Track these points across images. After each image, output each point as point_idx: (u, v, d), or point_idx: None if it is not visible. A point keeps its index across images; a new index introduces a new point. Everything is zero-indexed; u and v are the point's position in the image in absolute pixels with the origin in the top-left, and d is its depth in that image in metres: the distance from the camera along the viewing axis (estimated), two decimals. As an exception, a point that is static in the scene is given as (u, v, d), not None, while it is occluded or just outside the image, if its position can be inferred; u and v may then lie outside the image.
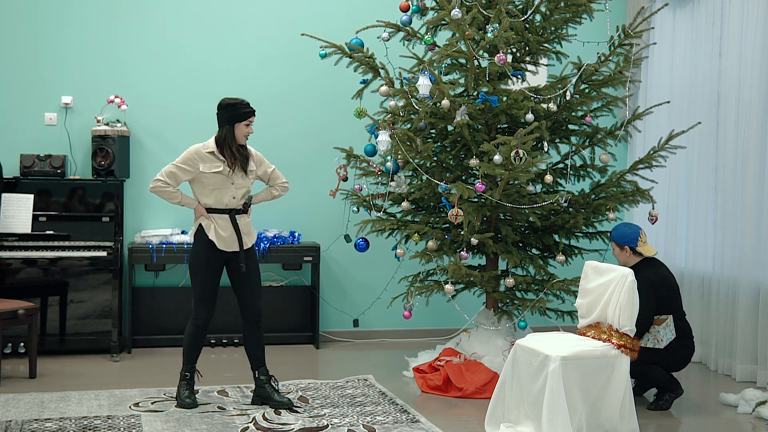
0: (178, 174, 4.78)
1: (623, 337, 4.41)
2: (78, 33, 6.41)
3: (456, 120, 5.19)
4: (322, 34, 5.78)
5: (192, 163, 4.77)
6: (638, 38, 5.49)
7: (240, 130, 4.77)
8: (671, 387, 5.05)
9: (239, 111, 4.75)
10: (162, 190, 4.78)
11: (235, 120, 4.75)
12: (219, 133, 4.79)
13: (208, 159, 4.77)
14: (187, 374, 4.90)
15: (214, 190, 4.78)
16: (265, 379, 4.89)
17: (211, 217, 4.78)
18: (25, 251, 5.88)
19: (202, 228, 4.80)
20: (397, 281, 6.23)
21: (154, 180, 4.79)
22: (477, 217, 5.17)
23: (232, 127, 4.76)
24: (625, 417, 4.34)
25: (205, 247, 4.78)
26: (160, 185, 4.77)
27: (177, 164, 4.78)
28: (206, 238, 4.78)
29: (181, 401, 4.84)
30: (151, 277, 6.53)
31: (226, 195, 4.79)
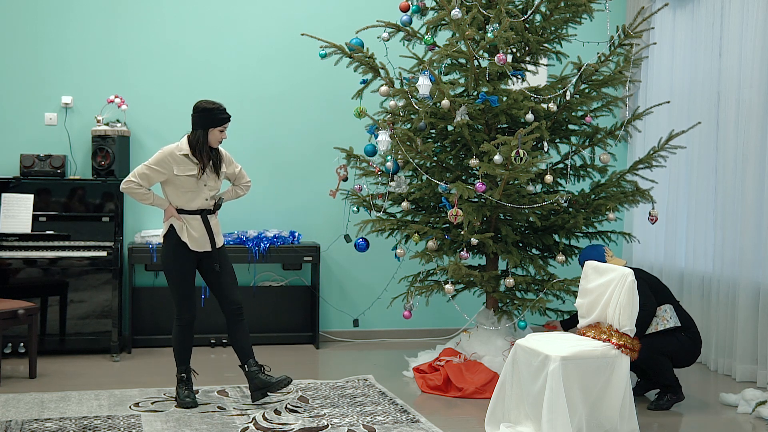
0: (150, 176, 4.76)
1: (623, 337, 4.41)
2: (78, 33, 6.41)
3: (456, 120, 5.19)
4: (322, 34, 5.78)
5: (166, 165, 4.74)
6: (638, 38, 5.49)
7: (213, 135, 4.77)
8: (674, 388, 5.05)
9: (215, 116, 4.74)
10: (134, 192, 4.77)
11: (210, 125, 4.74)
12: (192, 135, 4.77)
13: (182, 162, 4.74)
14: (183, 375, 4.91)
15: (187, 192, 4.78)
16: (256, 369, 4.87)
17: (182, 218, 4.79)
18: (25, 251, 5.89)
19: (174, 229, 4.80)
20: (397, 281, 6.23)
21: (125, 180, 4.76)
22: (477, 217, 5.17)
23: (206, 131, 4.75)
24: (625, 417, 4.34)
25: (177, 247, 4.80)
26: (133, 186, 4.75)
27: (150, 166, 4.75)
28: (178, 239, 4.79)
29: (181, 401, 4.85)
30: (151, 277, 6.53)
31: (198, 197, 4.80)
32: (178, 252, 4.80)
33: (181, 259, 4.81)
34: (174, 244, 4.80)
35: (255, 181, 6.64)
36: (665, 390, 5.06)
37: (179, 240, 4.79)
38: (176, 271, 4.81)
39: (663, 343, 5.00)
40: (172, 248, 4.81)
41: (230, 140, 6.65)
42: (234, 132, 6.65)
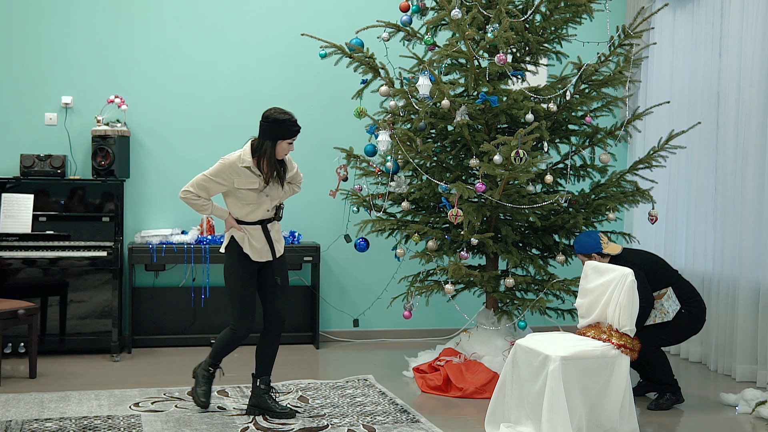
0: (209, 187, 4.54)
1: (623, 337, 4.41)
2: (78, 33, 6.41)
3: (456, 120, 5.19)
4: (322, 34, 5.78)
5: (226, 177, 4.52)
6: (638, 38, 5.49)
7: (281, 148, 4.51)
8: (673, 388, 5.06)
9: (287, 128, 4.48)
10: (192, 202, 4.56)
11: (280, 137, 4.48)
12: (258, 144, 4.51)
13: (244, 174, 4.51)
14: (210, 369, 4.74)
15: (248, 205, 4.57)
16: (264, 389, 4.72)
17: (243, 229, 4.58)
18: (25, 251, 5.89)
19: (235, 240, 4.60)
20: (397, 281, 6.23)
21: (184, 191, 4.56)
22: (477, 217, 5.18)
23: (275, 143, 4.49)
24: (625, 417, 4.33)
25: (240, 259, 4.59)
26: (191, 197, 4.54)
27: (210, 177, 4.53)
28: (240, 251, 4.58)
29: (197, 398, 4.72)
30: (151, 277, 6.53)
31: (260, 209, 4.59)
32: (241, 264, 4.59)
33: (244, 272, 4.59)
34: (237, 256, 4.59)
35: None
36: (665, 390, 5.06)
37: (241, 251, 4.57)
38: (239, 284, 4.59)
39: (658, 331, 5.02)
40: (235, 260, 4.59)
41: (231, 140, 6.67)
42: (234, 132, 6.66)
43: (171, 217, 6.57)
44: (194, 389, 4.77)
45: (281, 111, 4.51)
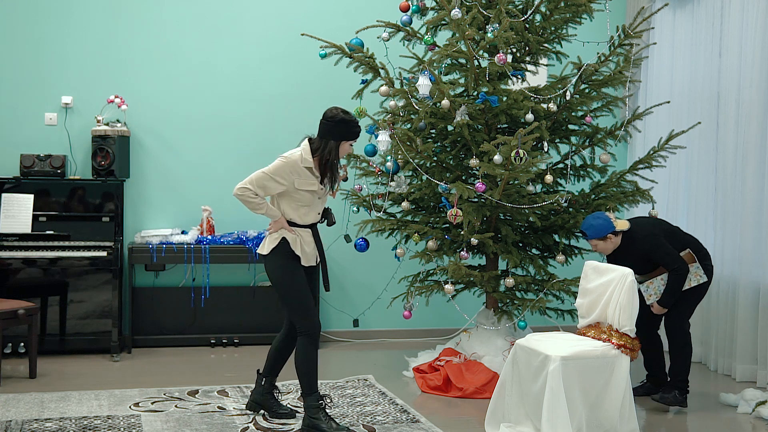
0: (269, 186, 4.32)
1: (623, 337, 4.40)
2: (78, 33, 6.41)
3: (456, 120, 5.19)
4: (322, 34, 5.78)
5: (288, 176, 4.32)
6: (638, 38, 5.49)
7: (344, 149, 4.39)
8: (683, 389, 5.03)
9: (351, 129, 4.36)
10: (248, 200, 4.31)
11: (344, 138, 4.36)
12: (319, 144, 4.36)
13: (305, 175, 4.34)
14: (321, 402, 4.37)
15: (303, 207, 4.40)
16: (268, 388, 4.65)
17: (295, 231, 4.41)
18: (25, 251, 5.88)
19: (286, 242, 4.38)
20: (397, 281, 6.23)
21: (241, 187, 4.32)
22: (477, 217, 5.17)
23: (339, 143, 4.35)
24: (625, 417, 4.33)
25: (290, 260, 4.39)
26: (249, 195, 4.30)
27: (270, 175, 4.30)
28: (291, 253, 4.38)
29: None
30: (151, 277, 6.53)
31: (313, 211, 4.45)
32: (292, 265, 4.39)
33: (296, 272, 4.39)
34: (288, 258, 4.38)
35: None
36: (674, 386, 5.02)
37: (293, 254, 4.38)
38: (295, 284, 4.37)
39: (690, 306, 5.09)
40: (286, 262, 4.38)
41: (230, 141, 6.68)
42: (234, 132, 6.67)
43: (171, 217, 6.57)
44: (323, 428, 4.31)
45: (345, 111, 4.39)
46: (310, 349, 4.36)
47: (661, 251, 4.94)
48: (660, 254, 4.95)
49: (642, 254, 4.99)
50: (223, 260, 6.29)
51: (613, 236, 5.01)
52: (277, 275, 4.39)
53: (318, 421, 4.32)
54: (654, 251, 4.96)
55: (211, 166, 6.64)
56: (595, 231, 4.98)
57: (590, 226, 5.00)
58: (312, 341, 4.37)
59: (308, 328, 4.36)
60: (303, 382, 4.37)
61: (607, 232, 4.97)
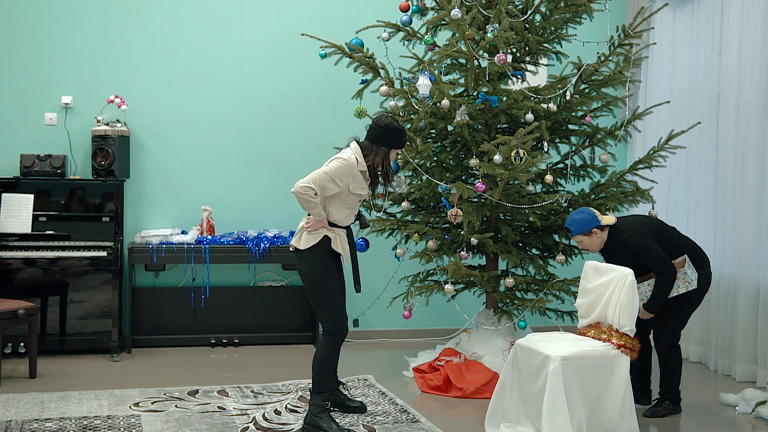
0: (329, 186, 4.34)
1: (623, 337, 4.39)
2: (78, 33, 6.41)
3: (456, 120, 5.19)
4: (322, 34, 5.78)
5: (345, 179, 4.36)
6: (638, 38, 5.49)
7: (392, 157, 4.50)
8: (674, 396, 4.95)
9: (401, 139, 4.47)
10: (309, 199, 4.26)
11: (395, 146, 4.46)
12: (370, 149, 4.43)
13: (359, 179, 4.40)
14: (327, 403, 4.45)
15: (348, 209, 4.47)
16: (335, 386, 4.76)
17: (333, 230, 4.45)
18: (25, 251, 5.88)
19: (328, 240, 4.42)
20: (397, 281, 6.23)
21: (304, 186, 4.25)
22: (477, 217, 5.18)
23: (389, 151, 4.45)
24: (625, 417, 4.32)
25: (330, 258, 4.47)
26: (310, 194, 4.26)
27: (331, 176, 4.32)
28: (332, 251, 4.45)
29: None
30: (151, 277, 6.53)
31: (353, 214, 4.54)
32: (330, 264, 4.46)
33: (333, 271, 4.48)
34: (327, 256, 4.44)
35: (255, 181, 6.67)
36: (665, 397, 4.97)
37: (334, 251, 4.46)
38: (330, 283, 4.44)
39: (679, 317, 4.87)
40: (326, 260, 4.44)
41: (231, 141, 6.68)
42: (234, 132, 6.67)
43: (171, 217, 6.57)
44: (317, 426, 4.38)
45: (395, 119, 4.49)
46: (332, 349, 4.43)
47: (647, 252, 4.69)
48: (645, 255, 4.70)
49: (628, 254, 4.75)
50: (223, 260, 6.29)
51: (598, 231, 4.78)
52: (314, 271, 4.41)
53: (320, 420, 4.37)
54: (639, 252, 4.71)
55: (211, 166, 6.64)
56: (579, 226, 4.76)
57: (573, 221, 4.78)
58: (335, 342, 4.43)
59: (334, 329, 4.42)
60: (315, 380, 4.43)
61: (591, 226, 4.75)
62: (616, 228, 4.82)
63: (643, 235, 4.74)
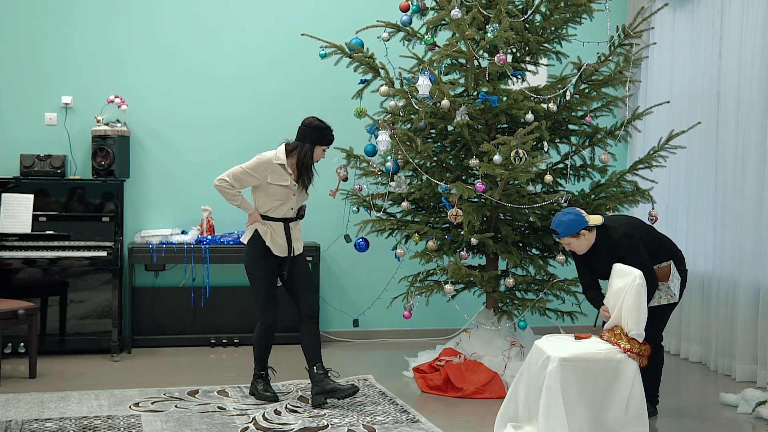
0: (243, 179, 4.88)
1: (631, 341, 4.31)
2: (78, 33, 6.41)
3: (456, 120, 5.19)
4: (322, 34, 5.78)
5: (260, 171, 4.87)
6: (638, 38, 5.49)
7: (317, 153, 4.94)
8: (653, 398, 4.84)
9: (325, 136, 4.93)
10: (225, 190, 4.88)
11: (318, 142, 4.91)
12: (295, 146, 4.92)
13: (278, 171, 4.88)
14: (262, 372, 5.09)
15: (275, 200, 4.91)
16: (323, 374, 4.92)
17: (267, 224, 4.91)
18: (25, 251, 5.88)
19: (258, 234, 4.92)
20: (397, 281, 6.23)
21: (219, 179, 4.88)
22: (477, 217, 5.17)
23: (313, 147, 4.91)
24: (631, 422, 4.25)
25: (262, 252, 4.92)
26: (225, 186, 4.87)
27: (246, 169, 4.87)
28: (263, 244, 4.91)
29: (260, 394, 5.02)
30: (151, 277, 6.53)
31: (285, 206, 4.94)
32: (263, 256, 4.92)
33: (265, 263, 4.93)
34: (259, 250, 4.92)
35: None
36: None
37: (264, 245, 4.91)
38: (261, 274, 4.93)
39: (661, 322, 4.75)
40: (257, 253, 4.92)
41: (231, 140, 6.68)
42: (234, 132, 6.67)
43: (171, 217, 6.58)
44: (253, 392, 5.08)
45: (320, 120, 4.95)
46: (260, 333, 5.01)
47: (635, 256, 4.54)
48: (633, 257, 4.54)
49: (617, 255, 4.62)
50: (223, 260, 6.29)
51: (586, 232, 4.60)
52: (247, 263, 4.99)
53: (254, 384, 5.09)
54: (629, 254, 4.55)
55: (211, 166, 6.62)
56: (567, 228, 4.56)
57: (560, 223, 4.58)
58: (262, 329, 5.00)
59: (261, 316, 4.99)
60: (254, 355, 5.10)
61: (579, 228, 4.56)
62: (605, 228, 4.67)
63: (634, 237, 4.61)
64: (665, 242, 4.83)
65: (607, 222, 4.70)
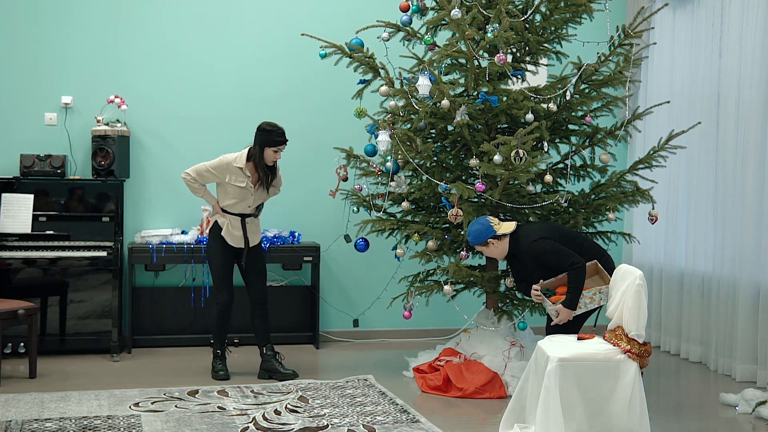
0: (206, 175, 5.43)
1: (631, 341, 4.29)
2: (78, 33, 6.41)
3: (456, 120, 5.19)
4: (322, 34, 5.78)
5: (221, 171, 5.40)
6: (638, 38, 5.49)
7: (268, 154, 5.36)
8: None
9: (271, 138, 5.34)
10: (188, 184, 5.45)
11: (266, 144, 5.34)
12: (252, 149, 5.40)
13: (236, 173, 5.38)
14: (218, 351, 5.56)
15: (233, 198, 5.42)
16: (271, 354, 5.55)
17: (226, 216, 5.45)
18: (25, 251, 5.88)
19: (218, 225, 5.47)
20: (397, 281, 6.23)
21: (185, 172, 5.42)
22: (477, 217, 5.17)
23: (262, 149, 5.35)
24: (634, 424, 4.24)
25: (219, 240, 5.47)
26: (189, 179, 5.43)
27: (208, 167, 5.41)
28: (219, 233, 5.46)
29: (215, 374, 5.49)
30: (151, 277, 6.53)
31: (242, 204, 5.44)
32: (220, 244, 5.48)
33: (222, 250, 5.48)
34: (216, 238, 5.48)
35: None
36: None
37: (220, 234, 5.46)
38: (217, 260, 5.50)
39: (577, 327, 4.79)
40: (216, 241, 5.49)
41: (231, 140, 6.67)
42: (234, 132, 6.67)
43: (171, 217, 6.58)
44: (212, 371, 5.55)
45: (271, 123, 5.40)
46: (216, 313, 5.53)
47: (551, 253, 4.68)
48: (550, 256, 4.69)
49: (533, 260, 4.77)
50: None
51: (495, 241, 4.84)
52: (207, 252, 5.62)
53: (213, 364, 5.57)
54: (543, 255, 4.71)
55: (211, 165, 6.64)
56: (474, 237, 4.84)
57: (470, 233, 4.85)
58: (220, 310, 5.52)
59: (217, 296, 5.53)
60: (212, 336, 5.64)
61: (486, 237, 4.81)
62: (516, 235, 4.84)
63: (544, 239, 4.72)
64: (589, 247, 4.91)
65: (521, 230, 4.86)
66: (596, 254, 4.89)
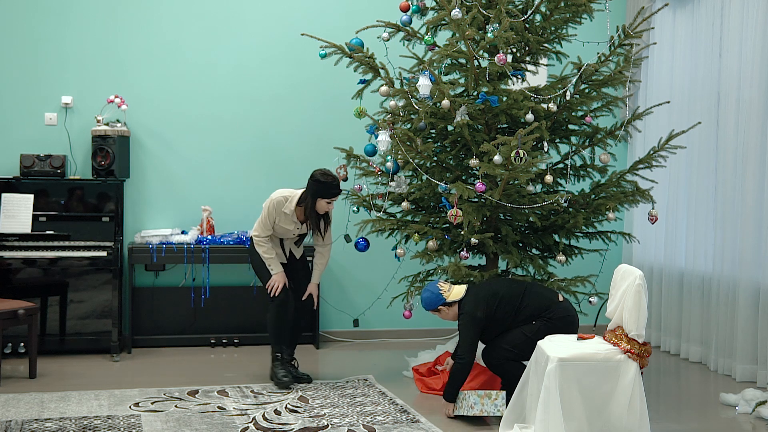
0: (268, 225, 5.32)
1: (631, 341, 4.29)
2: (78, 33, 6.41)
3: (456, 120, 5.19)
4: (322, 34, 5.78)
5: (272, 217, 5.31)
6: (638, 38, 5.48)
7: (320, 205, 5.25)
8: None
9: (327, 190, 5.21)
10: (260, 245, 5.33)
11: (320, 196, 5.21)
12: (304, 196, 5.27)
13: (284, 217, 5.31)
14: (278, 354, 5.37)
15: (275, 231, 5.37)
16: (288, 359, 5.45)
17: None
18: (25, 251, 5.88)
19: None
20: (397, 281, 6.23)
21: (255, 236, 5.34)
22: (477, 217, 5.17)
23: (315, 199, 5.22)
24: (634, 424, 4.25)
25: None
26: (261, 242, 5.33)
27: (266, 219, 5.30)
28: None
29: (278, 381, 5.28)
30: (151, 277, 6.53)
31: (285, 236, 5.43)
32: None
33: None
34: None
35: (255, 181, 6.67)
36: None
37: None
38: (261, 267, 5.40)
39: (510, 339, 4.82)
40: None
41: (231, 140, 6.69)
42: (234, 132, 6.68)
43: (171, 217, 6.58)
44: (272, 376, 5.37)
45: (325, 174, 5.23)
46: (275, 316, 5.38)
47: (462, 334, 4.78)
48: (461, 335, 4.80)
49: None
50: (223, 260, 6.29)
51: (445, 308, 4.93)
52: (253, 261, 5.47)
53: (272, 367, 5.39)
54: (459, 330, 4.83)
55: (211, 166, 6.64)
56: (426, 304, 4.97)
57: (422, 300, 5.00)
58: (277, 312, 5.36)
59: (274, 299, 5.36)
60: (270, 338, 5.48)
61: (437, 304, 4.93)
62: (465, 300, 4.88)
63: (469, 315, 4.78)
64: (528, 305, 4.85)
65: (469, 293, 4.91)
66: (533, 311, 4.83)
